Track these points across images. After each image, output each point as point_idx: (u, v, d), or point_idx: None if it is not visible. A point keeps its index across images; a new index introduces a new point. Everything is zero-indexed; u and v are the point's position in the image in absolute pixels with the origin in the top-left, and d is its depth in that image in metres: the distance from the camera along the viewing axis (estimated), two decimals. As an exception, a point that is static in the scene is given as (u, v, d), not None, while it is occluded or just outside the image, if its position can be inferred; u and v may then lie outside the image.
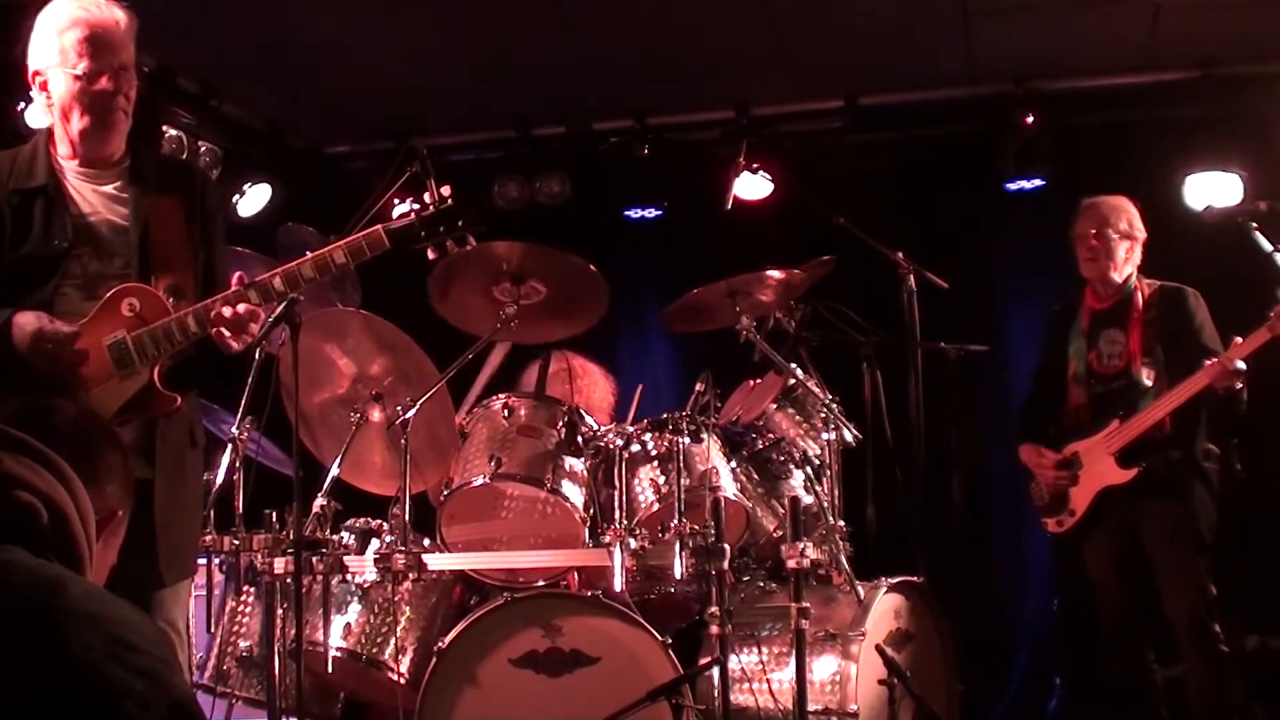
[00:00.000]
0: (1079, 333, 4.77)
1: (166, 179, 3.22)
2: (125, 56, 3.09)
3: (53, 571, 1.16)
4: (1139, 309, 4.67)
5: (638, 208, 6.57)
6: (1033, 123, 5.98)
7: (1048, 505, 4.76)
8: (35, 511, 1.20)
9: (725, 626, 3.53)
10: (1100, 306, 4.76)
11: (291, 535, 3.51)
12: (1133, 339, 4.63)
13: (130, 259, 3.10)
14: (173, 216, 3.15)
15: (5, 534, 1.17)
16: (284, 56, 5.69)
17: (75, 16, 3.07)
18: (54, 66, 3.09)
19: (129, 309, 3.02)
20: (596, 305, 4.26)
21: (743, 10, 5.41)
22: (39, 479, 1.22)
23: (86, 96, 3.07)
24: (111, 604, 1.16)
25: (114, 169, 3.17)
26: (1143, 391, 4.56)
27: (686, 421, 4.01)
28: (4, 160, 3.14)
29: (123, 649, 1.11)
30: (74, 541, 1.24)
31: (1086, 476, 4.63)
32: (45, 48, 3.11)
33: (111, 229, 3.11)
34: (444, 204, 3.18)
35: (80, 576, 1.20)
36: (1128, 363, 4.62)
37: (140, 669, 1.11)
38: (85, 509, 1.28)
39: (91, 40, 3.04)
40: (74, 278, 3.06)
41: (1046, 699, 5.73)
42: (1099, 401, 4.66)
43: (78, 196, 3.12)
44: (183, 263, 3.13)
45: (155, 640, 1.15)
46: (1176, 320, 4.62)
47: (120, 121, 3.13)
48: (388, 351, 4.03)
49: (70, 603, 1.12)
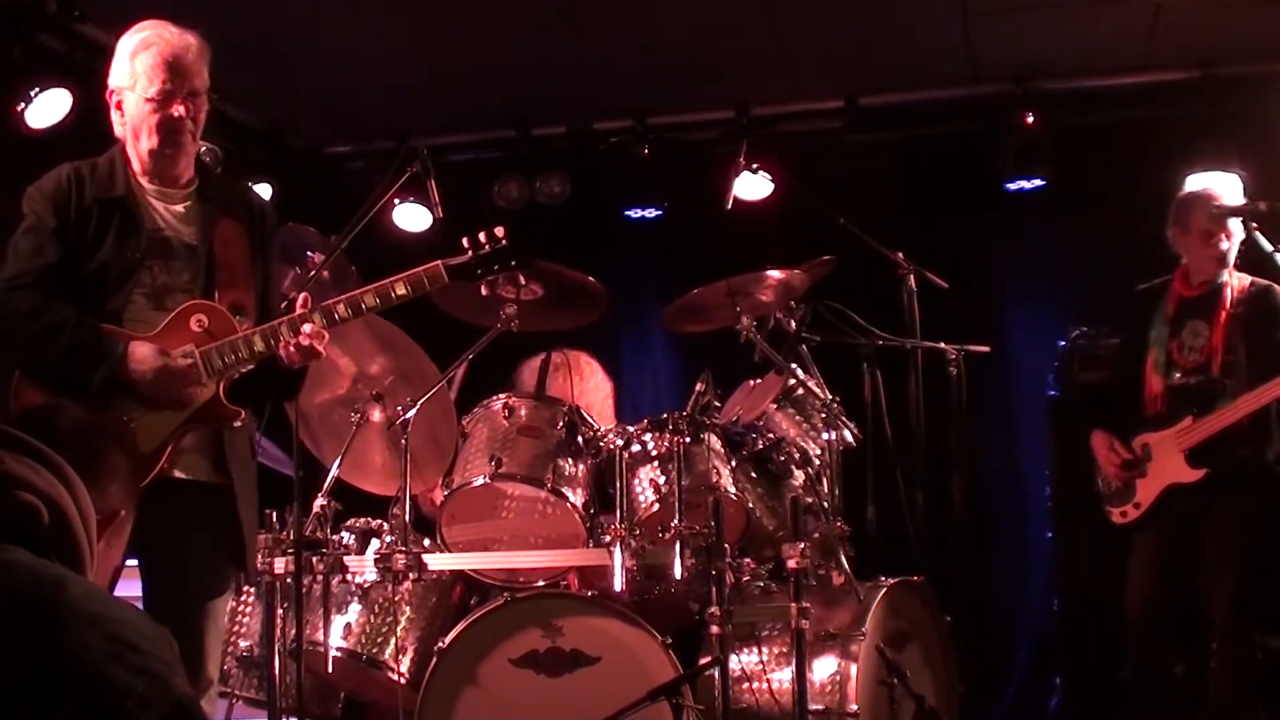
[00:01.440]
0: (1163, 318, 4.63)
1: (230, 203, 3.36)
2: (196, 83, 3.24)
3: (53, 571, 1.16)
4: (1227, 303, 4.53)
5: (638, 208, 6.56)
6: (1033, 123, 5.97)
7: (1113, 494, 4.67)
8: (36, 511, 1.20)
9: (725, 626, 3.53)
10: (1189, 294, 4.62)
11: (291, 535, 3.52)
12: (1216, 333, 4.50)
13: (197, 275, 3.23)
14: (236, 239, 3.30)
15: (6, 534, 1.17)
16: (284, 56, 5.69)
17: (149, 43, 3.21)
18: (128, 89, 3.22)
19: (198, 324, 3.16)
20: (596, 303, 4.30)
21: (743, 10, 5.41)
22: (40, 479, 1.22)
23: (156, 119, 3.20)
24: (112, 604, 1.16)
25: (183, 189, 3.30)
26: (1220, 390, 4.45)
27: (686, 421, 4.01)
28: (84, 170, 3.26)
29: (123, 649, 1.11)
30: (75, 541, 1.24)
31: (1155, 470, 4.53)
32: (121, 70, 3.25)
33: (181, 245, 3.24)
34: (499, 244, 3.36)
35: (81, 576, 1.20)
36: (1209, 357, 4.50)
37: (140, 668, 1.11)
38: (86, 509, 1.28)
39: (163, 67, 3.18)
40: (143, 287, 3.18)
41: (1046, 699, 5.73)
42: (1175, 393, 4.54)
43: (152, 211, 3.25)
44: (244, 282, 3.28)
45: (156, 640, 1.15)
46: (1263, 318, 4.50)
47: (188, 144, 3.27)
48: (388, 351, 4.03)
49: (70, 602, 1.12)
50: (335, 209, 5.09)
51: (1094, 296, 5.77)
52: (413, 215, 6.30)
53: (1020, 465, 6.27)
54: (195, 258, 3.24)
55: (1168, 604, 4.58)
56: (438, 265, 3.32)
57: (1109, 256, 5.81)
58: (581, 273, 4.19)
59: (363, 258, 4.57)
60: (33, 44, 5.08)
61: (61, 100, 5.02)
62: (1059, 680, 5.67)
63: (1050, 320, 6.03)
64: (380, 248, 5.70)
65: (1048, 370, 5.86)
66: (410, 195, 5.71)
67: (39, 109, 5.01)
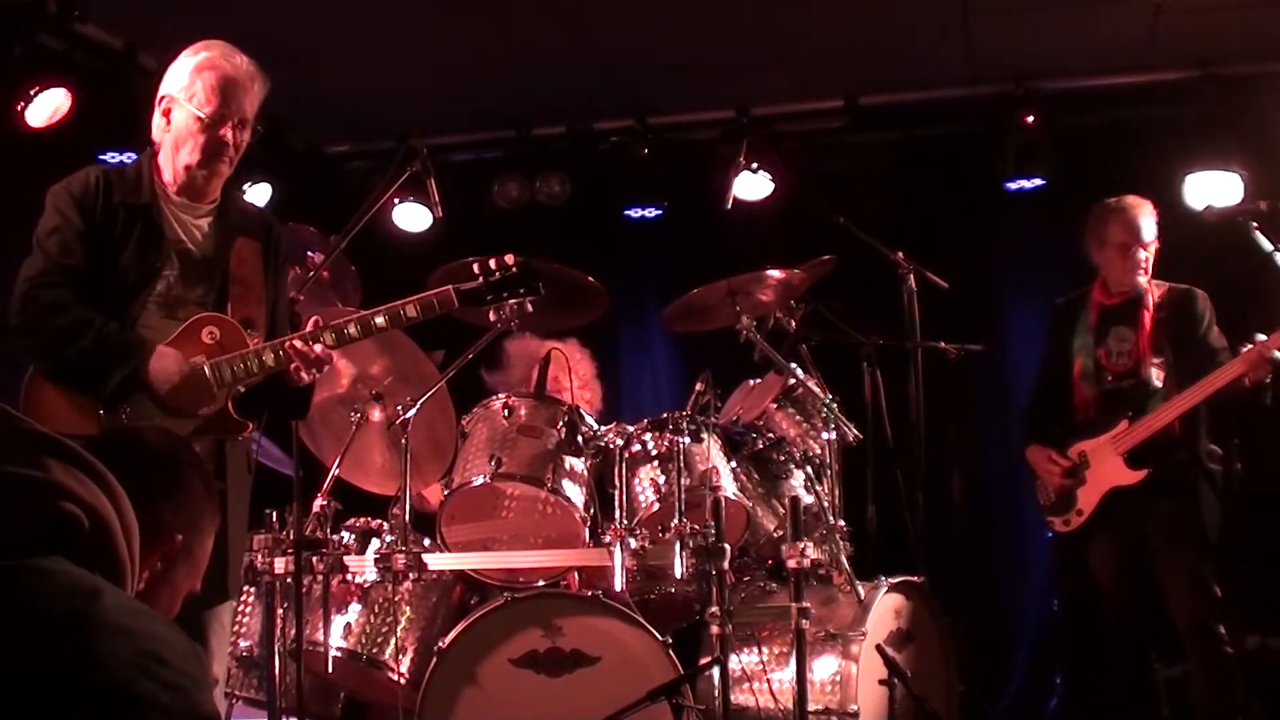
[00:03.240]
0: (1086, 328, 4.74)
1: (249, 224, 3.42)
2: (247, 110, 3.31)
3: (90, 582, 1.17)
4: (1150, 308, 4.64)
5: (638, 208, 6.56)
6: (1033, 123, 5.97)
7: (1054, 504, 4.75)
8: (78, 521, 1.20)
9: (725, 626, 3.53)
10: (1110, 303, 4.73)
11: (291, 535, 3.52)
12: (1143, 338, 4.61)
13: (210, 289, 3.29)
14: (252, 258, 3.36)
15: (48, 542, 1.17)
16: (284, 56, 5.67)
17: (215, 62, 3.27)
18: (181, 101, 3.26)
19: (209, 336, 3.21)
20: (596, 303, 4.30)
21: (743, 10, 5.41)
22: (85, 489, 1.23)
23: (203, 138, 3.25)
24: (145, 618, 1.17)
25: (207, 205, 3.35)
26: (1152, 392, 4.54)
27: (686, 421, 4.01)
28: (112, 175, 3.30)
29: (151, 662, 1.12)
30: (115, 553, 1.25)
31: (1094, 476, 4.61)
32: (179, 79, 3.29)
33: (199, 259, 3.29)
34: (509, 272, 3.40)
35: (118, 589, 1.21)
36: (1137, 361, 4.60)
37: (167, 682, 1.12)
38: (129, 522, 1.28)
39: (222, 89, 3.25)
40: (158, 296, 3.23)
41: (1046, 699, 5.72)
42: (1107, 399, 4.64)
43: (174, 222, 3.29)
44: (257, 300, 3.35)
45: (185, 656, 1.16)
46: (1186, 321, 4.60)
47: (225, 168, 3.32)
48: (388, 351, 4.03)
49: (104, 613, 1.13)
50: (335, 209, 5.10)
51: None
52: (413, 215, 6.30)
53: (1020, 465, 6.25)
54: (211, 272, 3.29)
55: (1135, 606, 4.64)
56: (449, 290, 3.37)
57: (1109, 256, 5.80)
58: (582, 273, 4.19)
59: (363, 257, 4.59)
60: (33, 44, 5.09)
61: (61, 100, 5.03)
62: (1059, 680, 5.67)
63: (1050, 320, 6.03)
64: (380, 247, 5.72)
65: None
66: (410, 195, 5.71)
67: (39, 108, 5.01)
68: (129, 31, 5.29)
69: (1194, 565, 4.46)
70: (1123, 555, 4.61)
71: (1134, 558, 4.59)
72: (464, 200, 6.34)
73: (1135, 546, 4.58)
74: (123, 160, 5.11)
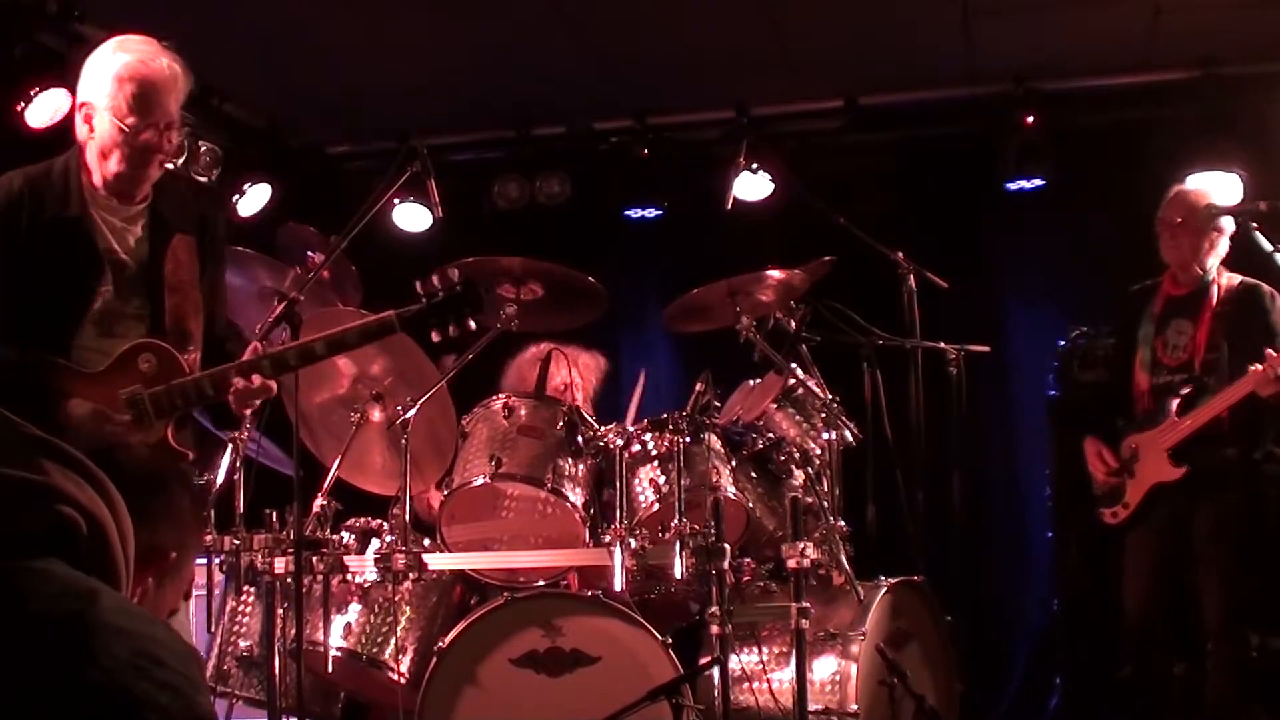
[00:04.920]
0: (1150, 317, 4.68)
1: (183, 218, 3.32)
2: (172, 112, 3.20)
3: (87, 584, 1.17)
4: (1213, 302, 4.57)
5: (638, 208, 6.56)
6: (1033, 123, 5.97)
7: (1105, 496, 4.71)
8: (76, 525, 1.21)
9: (725, 626, 3.53)
10: (1177, 294, 4.67)
11: (291, 535, 3.51)
12: (1200, 332, 4.55)
13: (147, 300, 3.20)
14: (187, 258, 3.27)
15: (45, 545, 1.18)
16: (284, 56, 5.69)
17: (133, 69, 3.15)
18: (103, 109, 3.16)
19: (145, 364, 3.13)
20: (596, 303, 4.30)
21: (743, 10, 5.41)
22: (83, 494, 1.23)
23: (128, 147, 3.16)
24: (142, 619, 1.18)
25: (138, 205, 3.26)
26: (1202, 387, 4.48)
27: (686, 421, 4.01)
28: (38, 180, 3.18)
29: (148, 663, 1.13)
30: (112, 558, 1.25)
31: (1142, 471, 4.57)
32: (100, 85, 3.18)
33: (134, 268, 3.21)
34: (453, 290, 3.29)
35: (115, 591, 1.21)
36: (1191, 355, 4.54)
37: (164, 683, 1.12)
38: (126, 529, 1.29)
39: (142, 97, 3.14)
40: (94, 314, 3.15)
41: (1046, 699, 5.73)
42: (1160, 392, 4.58)
43: (106, 230, 3.20)
44: (193, 307, 3.26)
45: (182, 658, 1.17)
46: (1249, 316, 4.51)
47: (155, 171, 3.23)
48: (388, 351, 4.03)
49: (101, 614, 1.14)
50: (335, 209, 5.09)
51: (1094, 296, 5.77)
52: (413, 215, 6.30)
53: (1020, 465, 6.27)
54: (147, 281, 3.20)
55: (1164, 603, 4.60)
56: (390, 316, 3.28)
57: (1109, 256, 5.81)
58: (581, 273, 4.19)
59: (363, 258, 4.58)
60: (33, 44, 5.09)
61: (61, 100, 5.02)
62: (1059, 680, 5.67)
63: (1050, 320, 6.03)
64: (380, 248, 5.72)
65: (1048, 370, 5.86)
66: (410, 195, 5.71)
67: (39, 108, 5.01)
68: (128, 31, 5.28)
69: (1230, 564, 4.42)
70: (1161, 553, 4.56)
71: (1171, 555, 4.53)
72: (464, 200, 6.34)
73: (1174, 544, 4.52)
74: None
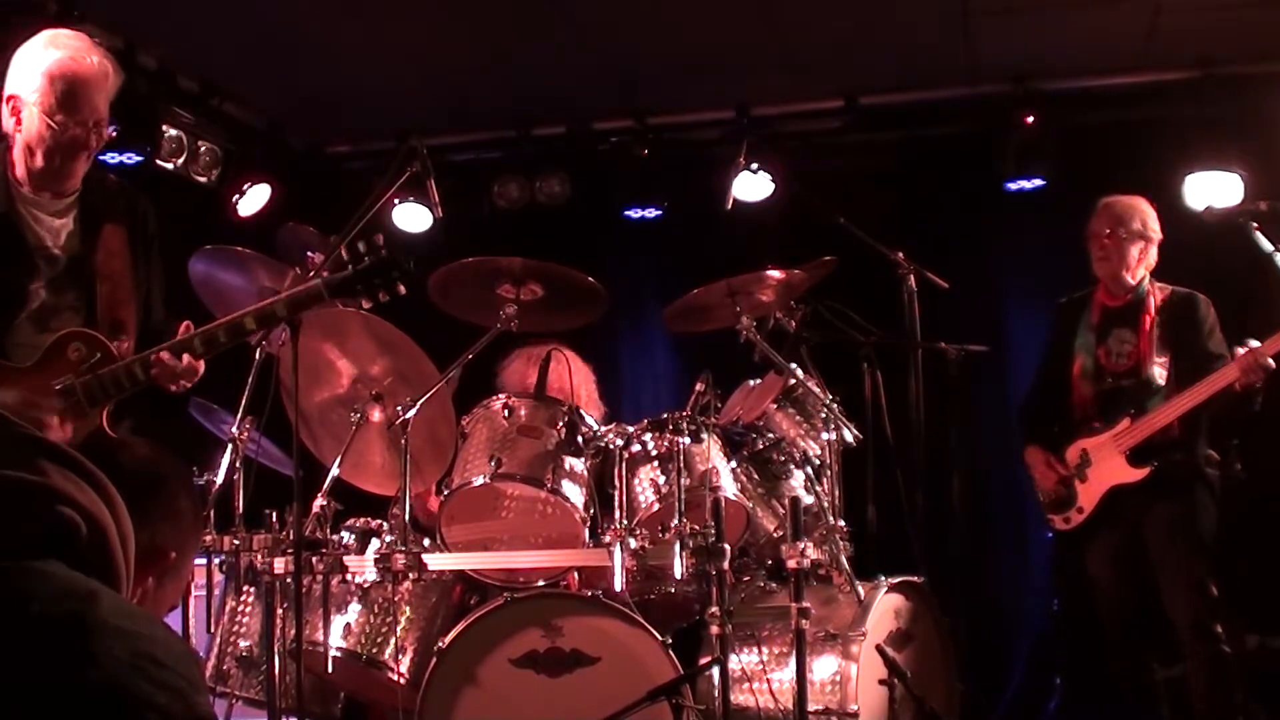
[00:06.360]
0: (1088, 327, 4.77)
1: (113, 209, 3.29)
2: (101, 109, 3.16)
3: (87, 584, 1.17)
4: (1151, 311, 4.67)
5: (638, 208, 6.56)
6: (1033, 123, 5.98)
7: (1054, 502, 4.76)
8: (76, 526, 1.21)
9: (725, 626, 3.53)
10: (1114, 304, 4.76)
11: (291, 535, 3.51)
12: (1143, 340, 4.64)
13: (82, 292, 3.18)
14: (119, 247, 3.24)
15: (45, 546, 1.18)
16: (284, 56, 5.69)
17: (65, 66, 3.12)
18: (31, 104, 3.13)
19: (75, 353, 3.10)
20: (596, 303, 4.30)
21: (743, 10, 5.41)
22: (83, 495, 1.23)
23: (55, 142, 3.13)
24: (142, 620, 1.18)
25: (68, 198, 3.23)
26: (1154, 391, 4.57)
27: (686, 421, 4.01)
28: None
29: (148, 663, 1.13)
30: (112, 559, 1.25)
31: (1095, 474, 4.63)
32: (28, 79, 3.15)
33: (66, 262, 3.18)
34: (379, 255, 3.24)
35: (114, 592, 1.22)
36: (1138, 361, 4.63)
37: (163, 683, 1.13)
38: (126, 530, 1.29)
39: (71, 95, 3.10)
40: (29, 310, 3.13)
41: (1046, 699, 5.72)
42: (1107, 398, 4.66)
43: (35, 225, 3.17)
44: (126, 296, 3.23)
45: (182, 659, 1.17)
46: (1187, 325, 4.63)
47: (84, 164, 3.19)
48: (388, 351, 4.03)
49: (101, 615, 1.14)
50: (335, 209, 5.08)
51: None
52: (413, 215, 6.30)
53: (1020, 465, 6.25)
54: (80, 274, 3.18)
55: (1133, 605, 4.66)
56: (318, 283, 3.24)
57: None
58: (581, 273, 4.19)
59: (363, 258, 4.57)
60: (32, 44, 5.08)
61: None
62: (1059, 680, 5.67)
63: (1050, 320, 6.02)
64: (380, 248, 5.70)
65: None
66: (410, 195, 5.71)
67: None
68: (128, 31, 5.28)
69: (1191, 565, 4.48)
70: (1121, 554, 4.63)
71: (1132, 556, 4.60)
72: (464, 200, 6.35)
73: (1133, 546, 4.60)
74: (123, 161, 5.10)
